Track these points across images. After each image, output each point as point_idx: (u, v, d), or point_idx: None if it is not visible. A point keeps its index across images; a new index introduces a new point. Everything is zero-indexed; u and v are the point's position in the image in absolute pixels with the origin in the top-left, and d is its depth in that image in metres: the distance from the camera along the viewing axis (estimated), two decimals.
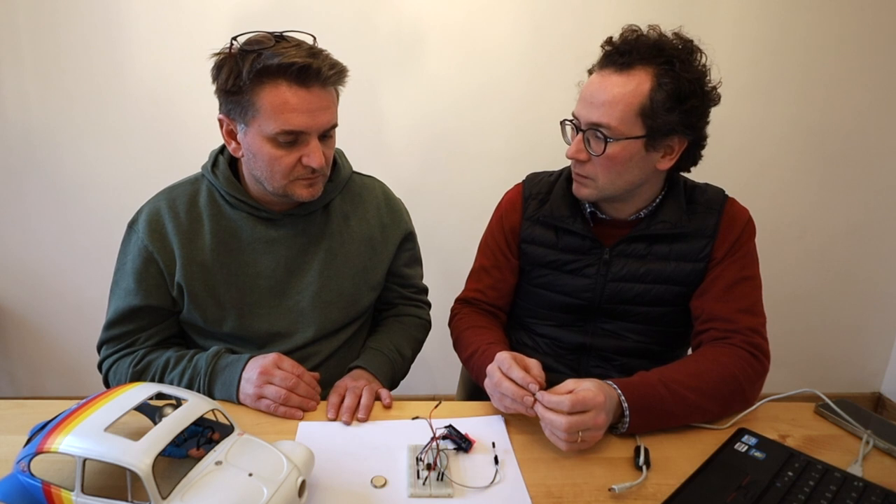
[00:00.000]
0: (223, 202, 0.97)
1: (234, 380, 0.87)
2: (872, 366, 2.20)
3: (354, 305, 1.05)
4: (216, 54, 0.88)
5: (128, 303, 0.94)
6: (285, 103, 0.83)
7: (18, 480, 0.60)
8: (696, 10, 1.73)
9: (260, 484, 0.58)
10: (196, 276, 0.94)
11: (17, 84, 1.72)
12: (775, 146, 1.89)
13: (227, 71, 0.84)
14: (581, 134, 0.91)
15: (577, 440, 0.73)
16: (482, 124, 1.83)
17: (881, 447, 0.80)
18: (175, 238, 0.94)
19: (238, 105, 0.86)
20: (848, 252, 2.03)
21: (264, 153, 0.88)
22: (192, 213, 0.96)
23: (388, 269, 1.10)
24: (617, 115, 0.87)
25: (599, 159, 0.90)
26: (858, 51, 1.80)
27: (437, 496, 0.69)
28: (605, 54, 0.90)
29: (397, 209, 1.12)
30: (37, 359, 2.05)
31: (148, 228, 0.94)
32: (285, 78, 0.83)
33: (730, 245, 0.96)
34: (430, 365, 1.89)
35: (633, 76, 0.86)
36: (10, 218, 1.86)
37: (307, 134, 0.87)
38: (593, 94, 0.89)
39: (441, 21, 1.72)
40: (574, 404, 0.73)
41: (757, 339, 0.91)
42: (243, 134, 0.89)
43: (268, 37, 0.85)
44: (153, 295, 0.95)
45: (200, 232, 0.95)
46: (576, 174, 0.96)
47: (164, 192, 0.99)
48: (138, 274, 0.94)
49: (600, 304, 1.02)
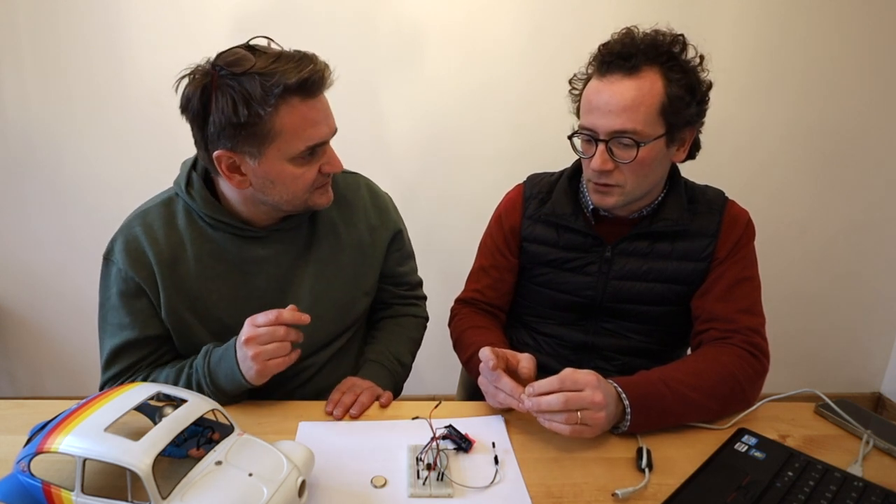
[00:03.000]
0: (203, 224, 0.90)
1: (234, 368, 0.82)
2: (872, 366, 2.20)
3: (348, 314, 1.03)
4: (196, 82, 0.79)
5: (123, 338, 0.88)
6: (304, 119, 0.80)
7: (18, 480, 0.60)
8: (696, 10, 1.73)
9: (260, 484, 0.58)
10: (183, 305, 0.89)
11: (17, 84, 1.72)
12: (775, 146, 1.89)
13: (229, 102, 0.76)
14: (602, 144, 0.89)
15: (577, 420, 0.73)
16: (482, 124, 1.83)
17: (881, 447, 0.80)
18: (157, 269, 0.87)
19: (253, 136, 0.79)
20: (848, 252, 2.03)
21: (286, 175, 0.83)
22: (171, 237, 0.89)
23: (379, 271, 1.07)
24: (641, 119, 0.86)
25: (629, 165, 0.89)
26: (858, 51, 1.80)
27: (437, 496, 0.69)
28: (606, 60, 0.89)
29: (384, 207, 1.08)
30: (37, 359, 2.05)
31: (128, 259, 0.87)
32: (299, 94, 0.79)
33: (732, 245, 0.97)
34: (430, 365, 1.89)
35: (643, 77, 0.86)
36: (10, 218, 1.86)
37: (325, 143, 0.86)
38: (608, 102, 0.87)
39: (441, 21, 1.72)
40: (563, 381, 0.74)
41: (757, 339, 0.92)
42: (256, 164, 0.82)
43: (244, 53, 0.78)
44: (149, 325, 0.89)
45: (183, 257, 0.89)
46: (599, 185, 0.93)
47: (136, 218, 0.90)
48: (128, 306, 0.88)
49: (602, 302, 1.02)
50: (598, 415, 0.75)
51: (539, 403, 0.75)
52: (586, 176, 0.97)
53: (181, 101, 0.81)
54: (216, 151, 0.82)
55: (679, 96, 0.87)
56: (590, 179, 0.96)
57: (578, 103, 0.97)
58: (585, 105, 0.92)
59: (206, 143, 0.82)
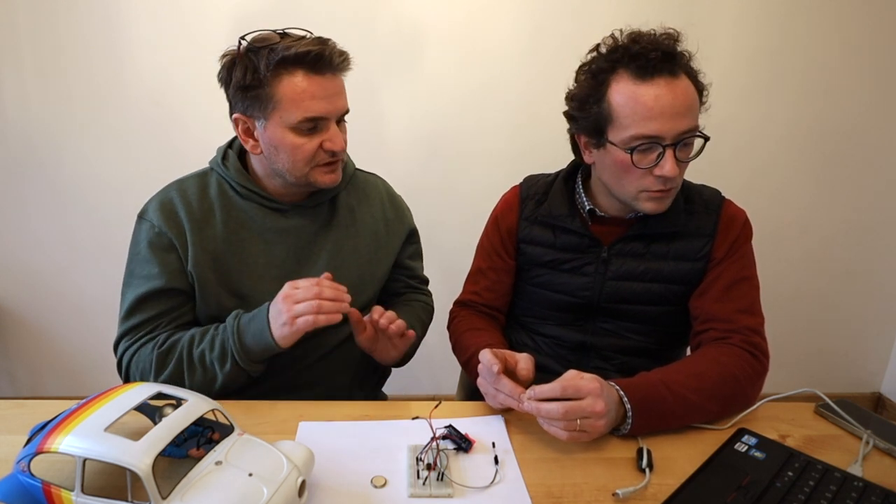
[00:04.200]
0: (234, 193, 0.98)
1: (264, 325, 0.86)
2: (872, 366, 2.20)
3: (358, 297, 1.04)
4: (224, 56, 0.90)
5: (149, 286, 0.92)
6: (304, 91, 0.87)
7: (18, 480, 0.60)
8: (696, 10, 1.73)
9: (260, 484, 0.58)
10: (207, 264, 0.94)
11: (17, 84, 1.72)
12: (775, 146, 1.89)
13: (242, 68, 0.87)
14: (671, 149, 0.86)
15: (576, 428, 0.73)
16: (482, 124, 1.83)
17: (881, 447, 0.80)
18: (188, 225, 0.94)
19: (257, 100, 0.88)
20: (848, 252, 2.03)
21: (287, 143, 0.90)
22: (204, 202, 0.97)
23: (392, 262, 1.12)
24: (696, 116, 0.89)
25: (686, 164, 0.91)
26: (858, 51, 1.80)
27: (437, 496, 0.69)
28: (650, 64, 0.85)
29: (400, 206, 1.15)
30: (37, 359, 2.05)
31: (162, 215, 0.94)
32: (301, 67, 0.86)
33: (729, 245, 0.97)
34: (430, 365, 1.89)
35: (682, 77, 0.87)
36: (10, 217, 1.86)
37: (327, 119, 0.91)
38: (673, 104, 0.85)
39: (441, 21, 1.72)
40: (565, 388, 0.74)
41: (756, 339, 0.92)
42: (263, 129, 0.90)
43: (273, 34, 0.88)
44: (175, 277, 0.93)
45: (212, 221, 0.96)
46: (664, 191, 0.90)
47: (173, 184, 0.99)
48: (157, 257, 0.93)
49: (599, 302, 1.02)
50: (599, 423, 0.75)
51: (538, 409, 0.75)
52: (641, 186, 0.90)
53: (218, 73, 0.92)
54: (234, 114, 0.92)
55: (702, 89, 0.90)
56: (646, 189, 0.90)
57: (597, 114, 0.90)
58: (638, 112, 0.85)
59: (231, 107, 0.93)
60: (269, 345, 0.86)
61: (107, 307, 0.96)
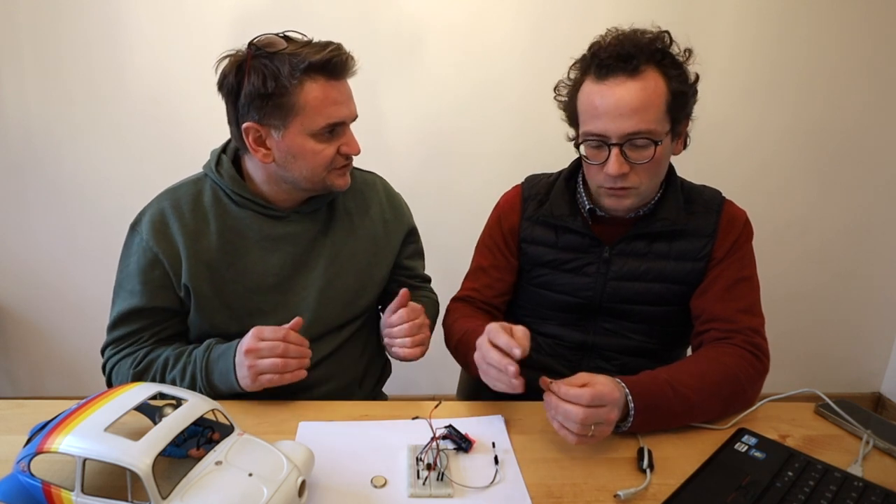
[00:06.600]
0: (228, 201, 0.97)
1: (230, 369, 0.85)
2: (872, 366, 2.20)
3: (356, 302, 1.05)
4: (223, 61, 0.87)
5: (131, 304, 0.93)
6: (327, 97, 0.87)
7: (18, 480, 0.60)
8: (696, 10, 1.73)
9: (260, 484, 0.58)
10: (202, 276, 0.93)
11: (17, 84, 1.72)
12: (775, 146, 1.89)
13: (260, 76, 0.84)
14: (616, 148, 0.88)
15: (589, 434, 0.73)
16: (482, 124, 1.83)
17: (881, 447, 0.80)
18: (180, 238, 0.93)
19: (278, 108, 0.86)
20: (848, 251, 2.03)
21: (307, 149, 0.90)
22: (197, 212, 0.95)
23: (392, 264, 1.11)
24: (653, 118, 0.87)
25: (645, 166, 0.89)
26: (858, 50, 1.80)
27: (437, 496, 0.69)
28: (605, 63, 0.87)
29: (399, 205, 1.14)
30: (37, 359, 2.05)
31: (152, 230, 0.93)
32: (323, 73, 0.86)
33: (730, 245, 0.97)
34: (430, 365, 1.89)
35: (646, 77, 0.87)
36: (10, 217, 1.86)
37: (345, 124, 0.92)
38: (616, 105, 0.86)
39: (441, 21, 1.72)
40: (593, 397, 0.73)
41: (757, 340, 0.92)
42: (280, 137, 0.89)
43: (277, 39, 0.87)
44: (158, 296, 0.93)
45: (206, 231, 0.94)
46: (615, 189, 0.92)
47: (166, 193, 0.98)
48: (142, 275, 0.93)
49: (601, 302, 1.02)
50: (607, 429, 0.75)
51: (558, 408, 0.74)
52: (597, 182, 0.95)
53: (218, 79, 0.89)
54: (245, 123, 0.89)
55: (681, 91, 0.89)
56: (601, 185, 0.94)
57: (570, 110, 0.96)
58: (588, 111, 0.90)
59: (237, 116, 0.90)
60: (234, 387, 0.86)
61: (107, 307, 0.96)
